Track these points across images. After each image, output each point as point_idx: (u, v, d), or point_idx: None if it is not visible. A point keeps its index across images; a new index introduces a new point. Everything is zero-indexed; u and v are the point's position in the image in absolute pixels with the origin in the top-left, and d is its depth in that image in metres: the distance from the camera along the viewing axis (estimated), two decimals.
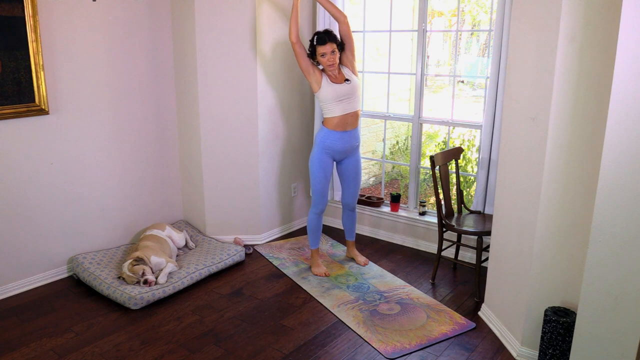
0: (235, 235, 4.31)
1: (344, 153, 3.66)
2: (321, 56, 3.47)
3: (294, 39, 3.50)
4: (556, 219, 2.59)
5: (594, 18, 2.31)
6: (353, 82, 3.54)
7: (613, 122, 2.10)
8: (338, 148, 3.61)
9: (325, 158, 3.62)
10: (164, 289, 3.36)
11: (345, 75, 3.55)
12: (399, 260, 4.06)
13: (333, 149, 3.60)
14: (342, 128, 3.56)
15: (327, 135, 3.58)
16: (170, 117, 4.20)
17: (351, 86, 3.52)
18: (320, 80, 3.51)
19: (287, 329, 3.11)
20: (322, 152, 3.60)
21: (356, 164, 3.77)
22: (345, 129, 3.58)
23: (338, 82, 3.52)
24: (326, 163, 3.63)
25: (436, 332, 3.05)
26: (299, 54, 3.52)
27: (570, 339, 2.54)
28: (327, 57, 3.45)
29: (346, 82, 3.51)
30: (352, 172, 3.76)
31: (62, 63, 3.46)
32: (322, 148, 3.60)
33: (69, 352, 2.85)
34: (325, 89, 3.49)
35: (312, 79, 3.53)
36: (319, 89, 3.51)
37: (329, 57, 3.45)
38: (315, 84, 3.52)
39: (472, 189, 5.28)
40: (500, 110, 3.47)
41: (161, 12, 3.98)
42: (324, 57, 3.46)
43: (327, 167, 3.65)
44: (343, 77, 3.54)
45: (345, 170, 3.76)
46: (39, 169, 3.47)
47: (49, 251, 3.60)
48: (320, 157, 3.61)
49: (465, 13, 6.17)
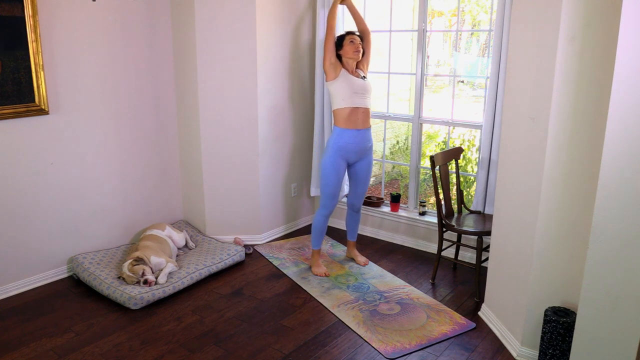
0: (235, 235, 4.31)
1: (357, 154, 3.67)
2: (350, 42, 3.61)
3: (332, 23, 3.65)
4: (556, 219, 2.59)
5: (594, 18, 2.31)
6: (367, 81, 3.69)
7: (613, 122, 2.10)
8: (352, 148, 3.61)
9: (339, 161, 3.62)
10: (164, 289, 3.36)
11: (361, 74, 3.69)
12: (399, 260, 4.06)
13: (347, 149, 3.60)
14: (353, 125, 3.59)
15: (340, 135, 3.59)
16: (170, 117, 4.20)
17: (366, 83, 3.66)
18: (339, 70, 3.61)
19: (287, 329, 3.11)
20: (336, 155, 3.61)
21: (368, 166, 3.79)
22: (357, 126, 3.60)
23: (355, 76, 3.64)
24: (340, 166, 3.64)
25: (436, 332, 3.05)
26: (330, 39, 3.64)
27: (570, 339, 2.54)
28: (355, 44, 3.60)
29: (363, 78, 3.66)
30: (363, 174, 3.78)
31: (62, 63, 3.46)
32: (336, 150, 3.60)
33: (69, 352, 2.85)
34: (342, 78, 3.58)
35: (332, 66, 3.60)
36: (336, 78, 3.59)
37: (357, 45, 3.61)
38: (333, 72, 3.60)
39: (472, 189, 5.28)
40: (500, 110, 3.47)
41: (161, 12, 3.98)
42: (352, 44, 3.60)
43: (340, 171, 3.66)
44: (359, 74, 3.68)
45: (357, 173, 3.78)
46: (39, 169, 3.47)
47: (49, 251, 3.60)
48: (334, 160, 3.61)
49: (465, 13, 6.17)
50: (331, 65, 3.59)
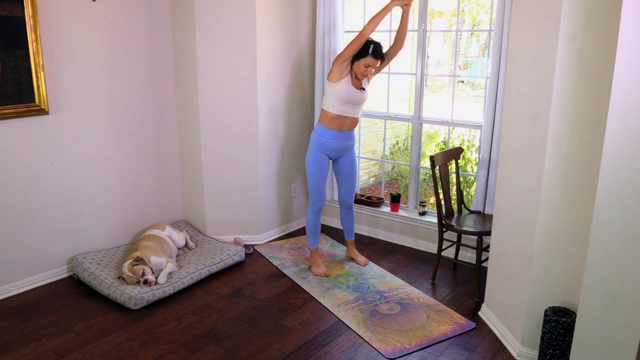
0: (235, 235, 4.30)
1: (339, 151, 3.72)
2: (365, 66, 3.50)
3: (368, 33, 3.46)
4: (556, 219, 2.59)
5: (594, 18, 2.31)
6: (366, 94, 3.64)
7: (613, 122, 2.10)
8: (333, 146, 3.66)
9: (321, 156, 3.67)
10: (164, 289, 3.36)
11: (362, 85, 3.62)
12: (399, 260, 4.06)
13: (328, 147, 3.66)
14: (337, 127, 3.63)
15: (322, 134, 3.64)
16: (170, 117, 4.20)
17: (362, 97, 3.62)
18: (345, 75, 3.55)
19: (287, 329, 3.11)
20: (317, 150, 3.66)
21: (352, 162, 3.81)
22: (342, 129, 3.64)
23: (356, 87, 3.59)
24: (322, 161, 3.69)
25: (436, 332, 3.05)
26: (356, 45, 3.46)
27: (570, 339, 2.53)
28: (369, 69, 3.53)
29: (362, 91, 3.60)
30: (347, 170, 3.81)
31: (62, 63, 3.46)
32: (317, 146, 3.66)
33: (69, 352, 2.85)
34: (343, 85, 3.54)
35: (339, 69, 3.52)
36: (338, 82, 3.54)
37: (370, 70, 3.54)
38: (338, 75, 3.54)
39: (472, 189, 5.28)
40: (500, 110, 3.47)
41: (161, 12, 3.98)
42: (367, 68, 3.51)
43: (324, 165, 3.70)
44: (360, 85, 3.61)
45: (341, 169, 3.81)
46: (39, 169, 3.47)
47: (49, 251, 3.60)
48: (316, 155, 3.67)
49: (465, 13, 6.17)
50: (339, 67, 3.52)
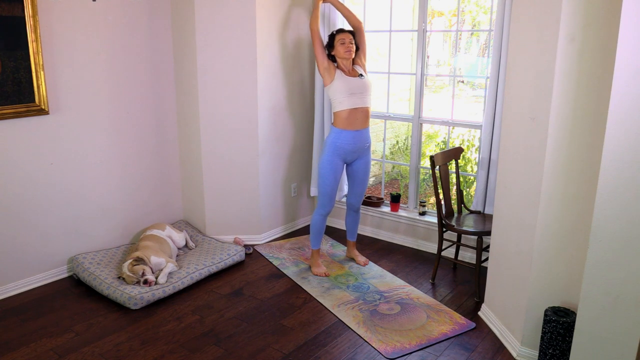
0: (235, 235, 4.31)
1: (355, 154, 3.66)
2: (340, 43, 3.53)
3: (315, 27, 3.58)
4: (556, 219, 2.59)
5: (594, 18, 2.31)
6: (366, 78, 3.62)
7: (613, 122, 2.10)
8: (349, 148, 3.60)
9: (336, 160, 3.61)
10: (164, 289, 3.36)
11: (358, 72, 3.62)
12: (399, 260, 4.06)
13: (344, 149, 3.59)
14: (352, 126, 3.56)
15: (338, 136, 3.58)
16: (170, 117, 4.20)
17: (364, 81, 3.59)
18: (334, 73, 3.55)
19: (287, 329, 3.11)
20: (333, 155, 3.59)
21: (366, 166, 3.77)
22: (356, 127, 3.58)
23: (352, 75, 3.57)
24: (337, 165, 3.63)
25: (436, 332, 3.05)
26: (317, 43, 3.59)
27: (570, 339, 2.54)
28: (346, 44, 3.52)
29: (360, 77, 3.59)
30: (361, 174, 3.77)
31: (62, 63, 3.46)
32: (333, 150, 3.59)
33: (69, 352, 2.85)
34: (339, 81, 3.53)
35: (326, 71, 3.57)
36: (332, 81, 3.54)
37: (348, 45, 3.52)
38: (328, 76, 3.55)
39: (472, 189, 5.28)
40: (500, 110, 3.47)
41: (161, 12, 3.98)
42: (343, 44, 3.52)
43: (338, 170, 3.65)
44: (357, 73, 3.61)
45: (355, 172, 3.77)
46: (39, 169, 3.47)
47: (49, 251, 3.60)
48: (331, 160, 3.60)
49: (465, 13, 6.17)
50: (325, 70, 3.55)
